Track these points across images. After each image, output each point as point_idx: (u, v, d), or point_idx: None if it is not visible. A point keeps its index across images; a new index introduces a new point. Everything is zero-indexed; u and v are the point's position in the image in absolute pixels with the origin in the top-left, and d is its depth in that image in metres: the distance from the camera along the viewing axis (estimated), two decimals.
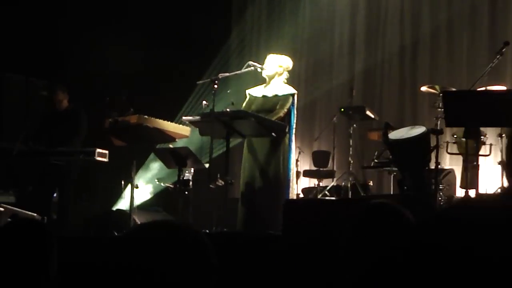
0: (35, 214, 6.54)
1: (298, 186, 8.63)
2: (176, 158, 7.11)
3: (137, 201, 8.15)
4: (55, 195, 7.54)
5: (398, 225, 2.28)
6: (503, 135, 7.33)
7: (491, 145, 7.44)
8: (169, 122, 7.29)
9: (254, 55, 9.51)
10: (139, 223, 6.79)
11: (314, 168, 9.19)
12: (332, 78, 10.19)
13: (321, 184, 8.82)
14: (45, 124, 7.72)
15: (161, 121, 7.12)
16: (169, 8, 9.98)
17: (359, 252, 2.27)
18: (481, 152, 7.10)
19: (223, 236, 6.09)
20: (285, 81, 7.02)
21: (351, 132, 8.41)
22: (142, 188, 8.79)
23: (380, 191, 8.87)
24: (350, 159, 8.34)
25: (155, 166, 8.99)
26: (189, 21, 10.03)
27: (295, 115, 6.94)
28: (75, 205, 7.81)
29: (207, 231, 6.54)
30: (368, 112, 8.27)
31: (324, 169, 9.06)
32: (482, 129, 7.05)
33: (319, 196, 8.39)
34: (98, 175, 8.60)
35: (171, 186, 8.23)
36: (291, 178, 6.82)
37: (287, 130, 6.78)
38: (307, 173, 9.20)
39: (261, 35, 10.71)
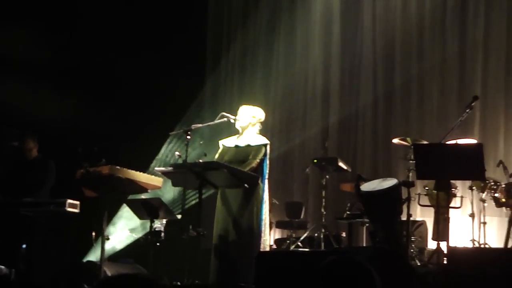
0: (3, 267, 6.43)
1: (271, 237, 8.60)
2: (148, 209, 7.07)
3: (108, 253, 8.05)
4: (24, 246, 7.42)
5: (361, 280, 2.28)
6: (474, 187, 7.41)
7: (462, 197, 7.52)
8: (141, 173, 7.27)
9: (227, 106, 9.57)
10: (109, 275, 6.71)
11: (287, 219, 9.18)
12: (306, 129, 10.25)
13: (294, 235, 8.80)
14: (13, 173, 7.66)
15: (133, 171, 7.09)
16: (145, 60, 10.04)
17: None
18: (452, 204, 7.17)
19: None
20: (258, 132, 7.05)
21: (324, 183, 8.44)
22: (114, 239, 8.71)
23: (352, 242, 8.85)
24: (323, 210, 8.36)
25: (127, 217, 8.92)
26: (163, 72, 10.09)
27: (268, 166, 6.96)
28: (45, 256, 7.69)
29: (179, 283, 6.48)
30: (340, 164, 8.32)
31: (297, 220, 9.05)
32: (453, 181, 7.12)
33: (292, 247, 8.36)
34: (68, 226, 8.51)
35: (143, 237, 8.16)
36: (263, 229, 6.80)
37: (259, 181, 6.79)
38: (280, 224, 9.18)
39: (234, 87, 10.79)
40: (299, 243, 8.43)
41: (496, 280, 5.12)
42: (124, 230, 8.92)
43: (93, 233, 8.03)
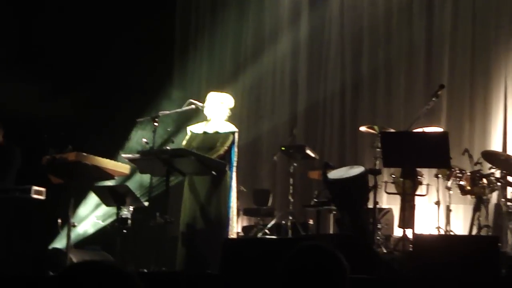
0: None
1: (238, 224, 8.61)
2: (114, 196, 7.02)
3: (75, 240, 7.99)
4: None
5: (330, 267, 2.28)
6: (439, 175, 7.49)
7: (428, 185, 7.59)
8: (108, 159, 7.21)
9: (195, 93, 9.52)
10: (75, 262, 6.66)
11: (254, 206, 9.18)
12: (274, 117, 10.25)
13: (261, 222, 8.81)
14: None
15: (100, 158, 7.03)
16: (113, 45, 9.95)
17: None
18: (418, 192, 7.23)
19: (162, 275, 6.02)
20: (227, 118, 7.04)
21: (292, 171, 8.45)
22: (80, 226, 8.64)
23: (320, 230, 8.90)
24: (290, 197, 8.37)
25: (94, 204, 8.85)
26: (131, 59, 10.01)
27: (236, 153, 6.95)
28: (10, 243, 7.60)
29: (145, 270, 6.45)
30: (308, 151, 8.33)
31: (264, 207, 9.06)
32: (419, 169, 7.18)
33: (259, 235, 8.38)
34: (34, 213, 8.42)
35: (109, 224, 8.11)
36: (231, 216, 6.80)
37: (227, 168, 6.78)
38: (247, 212, 9.19)
39: (202, 74, 10.74)
40: (266, 231, 8.45)
41: (460, 266, 5.19)
42: (91, 217, 8.85)
43: (59, 220, 7.97)
